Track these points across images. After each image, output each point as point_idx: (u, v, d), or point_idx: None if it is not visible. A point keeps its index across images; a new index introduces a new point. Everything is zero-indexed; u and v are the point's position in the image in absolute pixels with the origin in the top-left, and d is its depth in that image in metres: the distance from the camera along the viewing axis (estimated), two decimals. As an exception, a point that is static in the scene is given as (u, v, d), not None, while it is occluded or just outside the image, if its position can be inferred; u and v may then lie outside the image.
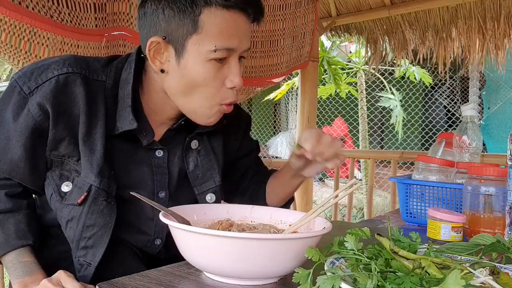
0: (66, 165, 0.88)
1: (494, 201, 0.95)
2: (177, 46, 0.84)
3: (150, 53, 0.86)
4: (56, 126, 0.85)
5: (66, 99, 0.85)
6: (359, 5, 2.60)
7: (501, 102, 5.05)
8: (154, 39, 0.84)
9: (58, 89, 0.84)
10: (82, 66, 0.88)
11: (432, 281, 0.51)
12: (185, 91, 0.87)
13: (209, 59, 0.84)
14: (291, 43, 2.37)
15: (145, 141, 0.92)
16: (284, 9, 2.28)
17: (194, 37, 0.83)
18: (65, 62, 0.87)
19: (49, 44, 1.45)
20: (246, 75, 2.19)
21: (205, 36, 0.83)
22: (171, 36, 0.84)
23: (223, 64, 0.86)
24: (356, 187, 0.78)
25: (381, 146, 6.88)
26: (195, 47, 0.83)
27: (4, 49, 1.38)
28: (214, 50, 0.83)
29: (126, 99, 0.88)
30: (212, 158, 0.99)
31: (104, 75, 0.90)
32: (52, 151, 0.87)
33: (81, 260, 0.86)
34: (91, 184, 0.85)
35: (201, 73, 0.85)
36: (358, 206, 5.12)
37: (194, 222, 0.77)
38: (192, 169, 0.97)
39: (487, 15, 2.28)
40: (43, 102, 0.83)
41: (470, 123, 1.23)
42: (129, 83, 0.89)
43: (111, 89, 0.89)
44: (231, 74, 0.87)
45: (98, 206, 0.86)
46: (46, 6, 1.43)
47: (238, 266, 0.61)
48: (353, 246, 0.60)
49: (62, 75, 0.85)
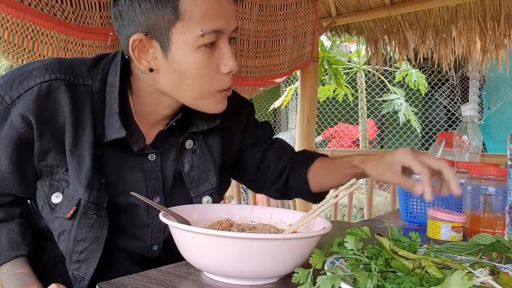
0: (55, 175, 0.85)
1: (494, 201, 0.95)
2: (161, 39, 0.80)
3: (134, 53, 0.81)
4: (41, 137, 0.81)
5: (50, 108, 0.81)
6: (359, 5, 2.59)
7: (501, 102, 5.05)
8: (135, 37, 0.80)
9: (40, 99, 0.80)
10: (66, 71, 0.83)
11: (432, 281, 0.51)
12: (179, 85, 0.83)
13: (198, 46, 0.79)
14: (293, 43, 2.37)
15: (136, 147, 0.88)
16: (285, 9, 2.28)
17: (177, 25, 0.78)
18: (47, 68, 0.81)
19: (53, 43, 1.44)
20: (248, 75, 2.19)
21: (189, 22, 0.78)
22: (153, 30, 0.79)
23: (213, 50, 0.81)
24: (356, 187, 0.77)
25: (381, 146, 6.88)
26: (180, 36, 0.79)
27: (7, 48, 1.37)
28: (201, 35, 0.78)
29: (113, 105, 0.84)
30: (208, 158, 0.95)
31: (90, 78, 0.85)
32: (40, 162, 0.84)
33: (75, 274, 0.85)
34: (80, 198, 0.82)
35: (192, 63, 0.80)
36: (358, 206, 5.12)
37: (194, 222, 0.77)
38: (187, 170, 0.93)
39: (487, 15, 2.28)
40: (26, 113, 0.79)
41: (470, 123, 1.23)
42: (115, 87, 0.84)
43: (98, 93, 0.85)
44: (225, 58, 0.83)
45: (88, 220, 0.83)
46: (49, 4, 1.42)
47: (238, 266, 0.61)
48: (353, 246, 0.60)
49: (45, 83, 0.80)
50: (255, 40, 2.18)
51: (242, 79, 2.15)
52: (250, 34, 2.14)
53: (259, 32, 2.18)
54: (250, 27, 2.13)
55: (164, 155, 0.93)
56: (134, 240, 0.91)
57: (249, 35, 2.14)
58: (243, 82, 2.18)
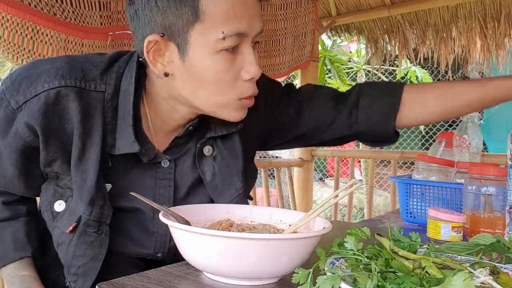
0: (61, 181, 0.83)
1: (494, 201, 0.95)
2: (178, 41, 0.73)
3: (149, 56, 0.75)
4: (47, 147, 0.78)
5: (57, 117, 0.76)
6: (359, 4, 2.59)
7: (501, 102, 5.04)
8: (151, 38, 0.74)
9: (47, 107, 0.75)
10: (77, 76, 0.77)
11: (432, 281, 0.51)
12: (197, 91, 0.77)
13: (219, 50, 0.73)
14: (293, 42, 2.37)
15: (146, 159, 0.83)
16: (285, 9, 2.28)
17: (196, 26, 0.72)
18: (57, 73, 0.76)
19: (53, 43, 1.44)
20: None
21: (209, 23, 0.72)
22: (170, 31, 0.73)
23: (235, 54, 0.75)
24: (356, 187, 0.77)
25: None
26: (200, 38, 0.72)
27: (7, 47, 1.37)
28: (222, 38, 0.72)
29: (126, 117, 0.78)
30: (231, 163, 0.88)
31: (103, 84, 0.79)
32: (46, 168, 0.82)
33: (72, 285, 0.84)
34: (81, 215, 0.79)
35: (211, 68, 0.74)
36: (358, 206, 5.12)
37: (194, 222, 0.77)
38: (209, 179, 0.87)
39: (487, 14, 2.28)
40: (31, 122, 0.75)
41: (470, 122, 1.23)
42: (130, 95, 0.79)
43: (111, 100, 0.79)
44: (247, 64, 0.76)
45: (87, 237, 0.80)
46: (49, 3, 1.42)
47: (238, 266, 0.61)
48: (353, 246, 0.60)
49: (53, 90, 0.75)
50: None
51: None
52: (251, 34, 2.14)
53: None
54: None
55: (179, 162, 0.88)
56: (138, 246, 0.88)
57: (250, 34, 2.14)
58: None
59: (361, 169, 4.97)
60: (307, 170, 2.70)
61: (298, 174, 2.70)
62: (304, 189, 2.69)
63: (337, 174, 2.74)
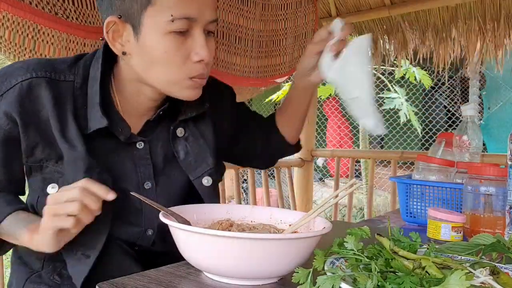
0: (45, 168, 0.87)
1: (494, 201, 0.95)
2: (134, 23, 0.82)
3: (109, 36, 0.84)
4: (27, 133, 0.84)
5: (32, 104, 0.83)
6: (359, 5, 2.59)
7: (501, 102, 5.05)
8: (109, 19, 0.82)
9: (22, 96, 0.83)
10: (47, 69, 0.85)
11: (432, 281, 0.51)
12: (150, 69, 0.85)
13: (168, 32, 0.80)
14: (293, 43, 2.37)
15: (122, 137, 0.90)
16: (285, 9, 2.28)
17: (149, 9, 0.80)
18: (28, 68, 0.85)
19: (54, 42, 1.43)
20: (251, 75, 2.19)
21: (160, 7, 0.79)
22: (127, 13, 0.81)
23: (185, 37, 0.82)
24: (356, 187, 0.78)
25: (381, 146, 6.88)
26: (151, 20, 0.80)
27: (8, 47, 1.37)
28: (171, 20, 0.79)
29: (94, 97, 0.86)
30: (201, 143, 0.97)
31: (71, 74, 0.88)
32: (28, 158, 0.86)
33: (78, 254, 0.85)
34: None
35: (161, 47, 0.81)
36: (358, 206, 5.12)
37: (194, 222, 0.77)
38: (183, 157, 0.95)
39: (487, 15, 2.28)
40: (9, 110, 0.82)
41: (470, 123, 1.23)
42: (97, 80, 0.86)
43: (80, 88, 0.87)
44: (197, 46, 0.83)
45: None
46: (50, 2, 1.41)
47: (238, 266, 0.61)
48: (353, 246, 0.60)
49: (25, 81, 0.83)
50: (258, 40, 2.18)
51: (244, 79, 2.16)
52: (253, 34, 2.14)
53: (261, 31, 2.18)
54: (254, 27, 2.13)
55: (152, 143, 0.95)
56: (128, 225, 0.93)
57: (253, 34, 2.13)
58: (245, 82, 2.18)
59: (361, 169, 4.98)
60: (307, 170, 2.70)
61: (298, 174, 2.70)
62: (304, 189, 2.69)
63: (337, 174, 2.74)
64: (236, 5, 2.01)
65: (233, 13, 2.00)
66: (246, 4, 2.05)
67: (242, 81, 2.15)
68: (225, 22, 1.98)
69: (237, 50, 2.07)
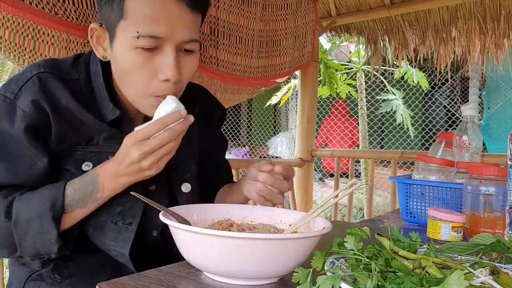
0: (75, 153, 0.87)
1: (494, 201, 0.95)
2: (110, 32, 0.85)
3: (92, 40, 0.88)
4: (58, 119, 0.84)
5: (54, 95, 0.85)
6: (359, 5, 2.60)
7: (501, 102, 5.05)
8: (92, 25, 0.87)
9: (44, 85, 0.84)
10: (55, 68, 0.88)
11: (432, 281, 0.51)
12: (121, 78, 0.87)
13: (135, 47, 0.81)
14: (293, 43, 2.37)
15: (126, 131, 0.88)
16: (285, 9, 2.28)
17: (121, 23, 0.82)
18: (39, 65, 0.87)
19: (54, 42, 1.43)
20: (252, 75, 2.19)
21: (130, 22, 0.81)
22: (106, 22, 0.85)
23: (154, 54, 0.82)
24: (356, 187, 0.78)
25: (381, 146, 6.88)
26: (122, 33, 0.82)
27: (8, 47, 1.37)
28: (137, 36, 0.80)
29: (101, 91, 0.88)
30: (187, 149, 0.96)
31: (75, 72, 0.90)
32: (60, 145, 0.86)
33: (119, 224, 0.87)
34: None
35: (126, 60, 0.83)
36: (358, 206, 5.12)
37: (194, 222, 0.77)
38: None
39: (487, 15, 2.28)
40: (37, 98, 0.82)
41: (470, 123, 1.23)
42: (99, 75, 0.89)
43: (86, 84, 0.89)
44: (164, 66, 0.82)
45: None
46: (50, 3, 1.41)
47: (238, 266, 0.61)
48: (353, 246, 0.60)
49: (42, 73, 0.85)
50: (258, 40, 2.18)
51: (245, 79, 2.16)
52: (254, 34, 2.14)
53: (262, 31, 2.18)
54: (254, 27, 2.13)
55: None
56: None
57: (253, 34, 2.14)
58: (245, 82, 2.18)
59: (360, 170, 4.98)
60: (307, 170, 2.71)
61: (298, 174, 2.70)
62: (304, 189, 2.69)
63: (337, 174, 2.75)
64: (237, 5, 2.01)
65: (234, 13, 2.00)
66: (247, 4, 2.05)
67: (243, 81, 2.15)
68: (226, 22, 1.98)
69: (238, 50, 2.07)
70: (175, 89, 0.86)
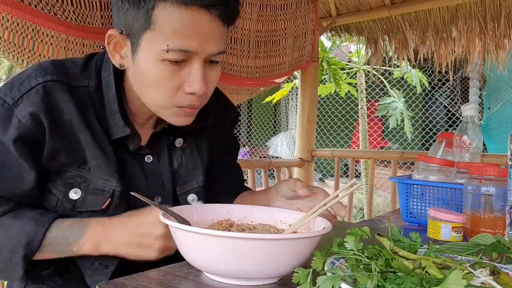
0: (65, 173, 0.84)
1: (495, 201, 0.95)
2: (133, 41, 0.80)
3: (109, 47, 0.82)
4: (54, 136, 0.80)
5: (57, 107, 0.81)
6: (359, 5, 2.60)
7: (501, 102, 5.05)
8: (111, 32, 0.81)
9: (48, 97, 0.80)
10: (62, 74, 0.83)
11: (432, 281, 0.51)
12: (142, 88, 0.83)
13: (162, 59, 0.78)
14: (293, 43, 2.37)
15: (132, 147, 0.89)
16: (285, 9, 2.28)
17: (148, 33, 0.77)
18: (46, 70, 0.82)
19: (53, 43, 1.44)
20: (249, 75, 2.19)
21: (158, 34, 0.76)
22: (129, 30, 0.79)
23: (181, 67, 0.79)
24: (356, 187, 0.77)
25: (381, 146, 6.88)
26: (148, 44, 0.78)
27: (7, 47, 1.37)
28: (166, 50, 0.76)
29: (112, 105, 0.85)
30: (196, 157, 0.96)
31: (85, 79, 0.86)
32: (50, 162, 0.82)
33: (96, 264, 0.84)
34: (114, 189, 0.83)
35: (152, 72, 0.79)
36: (358, 206, 5.13)
37: (194, 222, 0.77)
38: (176, 167, 0.94)
39: (487, 15, 2.28)
40: (37, 111, 0.78)
41: (471, 123, 1.23)
42: (111, 86, 0.85)
43: (96, 92, 0.86)
44: (192, 79, 0.79)
45: (120, 210, 0.84)
46: (49, 3, 1.42)
47: (238, 266, 0.61)
48: (353, 246, 0.60)
49: (48, 82, 0.81)
50: (255, 40, 2.18)
51: (243, 79, 2.16)
52: (250, 34, 2.14)
53: (259, 32, 2.18)
54: (250, 27, 2.13)
55: (160, 157, 0.94)
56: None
57: (249, 35, 2.14)
58: (244, 82, 2.18)
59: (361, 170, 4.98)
60: (307, 170, 2.71)
61: (298, 174, 2.70)
62: (304, 189, 2.68)
63: (337, 174, 2.75)
64: None
65: None
66: (241, 5, 2.05)
67: (240, 81, 2.15)
68: None
69: (233, 51, 2.07)
70: (201, 100, 0.84)
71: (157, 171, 0.92)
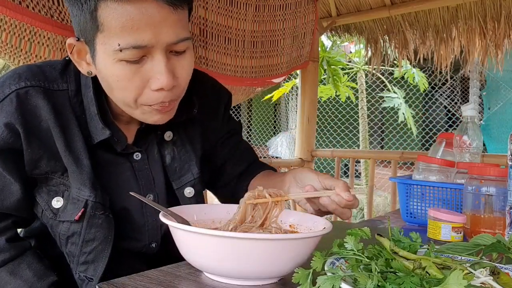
0: (51, 180, 0.83)
1: (495, 201, 0.95)
2: (90, 46, 0.76)
3: (73, 56, 0.79)
4: (30, 145, 0.79)
5: (32, 115, 0.79)
6: (359, 5, 2.60)
7: (501, 102, 5.05)
8: (70, 41, 0.78)
9: (22, 106, 0.78)
10: (40, 78, 0.81)
11: (433, 281, 0.51)
12: (110, 92, 0.80)
13: (119, 60, 0.74)
14: (291, 43, 2.37)
15: (119, 147, 0.87)
16: (284, 9, 2.28)
17: (99, 35, 0.73)
18: (20, 76, 0.80)
19: (50, 44, 1.45)
20: (245, 75, 2.19)
21: (107, 34, 0.72)
22: (84, 36, 0.76)
23: (142, 64, 0.75)
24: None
25: (381, 146, 6.88)
26: (102, 47, 0.74)
27: (4, 49, 1.38)
28: (119, 49, 0.72)
29: (91, 107, 0.82)
30: (189, 148, 0.93)
31: (64, 82, 0.83)
32: (33, 171, 0.82)
33: (81, 276, 0.84)
34: (87, 199, 0.81)
35: (112, 75, 0.76)
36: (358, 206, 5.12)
37: (194, 222, 0.77)
38: (169, 162, 0.92)
39: (487, 15, 2.28)
40: (11, 121, 0.77)
41: (471, 123, 1.23)
42: (89, 88, 0.82)
43: (75, 96, 0.83)
44: (156, 74, 0.75)
45: (96, 220, 0.82)
46: (46, 6, 1.43)
47: (238, 266, 0.61)
48: (353, 247, 0.60)
49: (22, 89, 0.78)
50: (251, 41, 2.18)
51: (239, 79, 2.16)
52: (245, 35, 2.14)
53: (255, 32, 2.19)
54: (245, 28, 2.13)
55: (149, 153, 0.92)
56: (132, 240, 0.90)
57: (244, 35, 2.14)
58: (240, 82, 2.18)
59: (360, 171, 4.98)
60: (307, 171, 2.70)
61: (298, 174, 2.70)
62: (304, 189, 2.68)
63: (337, 174, 2.75)
64: (224, 7, 2.03)
65: (222, 14, 2.02)
66: (235, 5, 2.06)
67: (236, 81, 2.15)
68: (213, 23, 1.99)
69: (227, 51, 2.08)
70: (172, 95, 0.80)
71: (147, 168, 0.90)
